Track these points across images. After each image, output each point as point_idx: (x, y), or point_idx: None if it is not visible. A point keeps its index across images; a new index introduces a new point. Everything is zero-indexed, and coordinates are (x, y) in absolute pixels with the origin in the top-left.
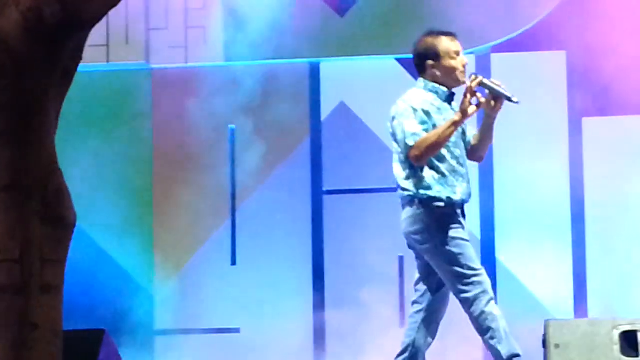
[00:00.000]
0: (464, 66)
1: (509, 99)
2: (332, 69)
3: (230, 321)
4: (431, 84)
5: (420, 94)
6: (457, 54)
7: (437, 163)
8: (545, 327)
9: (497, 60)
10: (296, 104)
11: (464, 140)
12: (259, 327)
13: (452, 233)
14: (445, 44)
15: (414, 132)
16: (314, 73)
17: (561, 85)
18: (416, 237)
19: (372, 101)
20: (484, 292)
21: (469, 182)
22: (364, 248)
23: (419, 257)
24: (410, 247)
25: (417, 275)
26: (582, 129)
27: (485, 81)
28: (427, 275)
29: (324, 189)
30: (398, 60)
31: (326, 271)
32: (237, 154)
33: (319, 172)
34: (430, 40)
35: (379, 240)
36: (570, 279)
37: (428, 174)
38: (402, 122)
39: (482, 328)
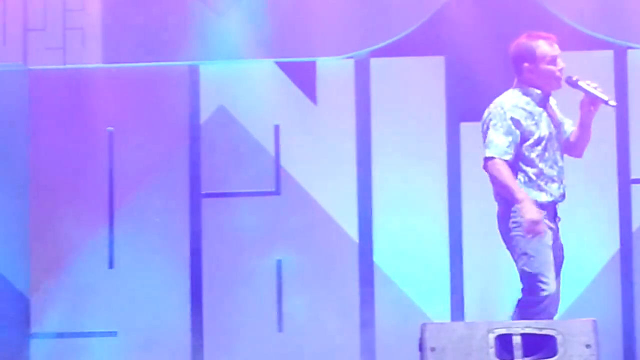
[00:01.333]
0: (560, 70)
1: (606, 103)
2: (211, 71)
3: (107, 324)
4: (526, 87)
5: (513, 98)
6: (555, 58)
7: (524, 167)
8: (422, 330)
9: (376, 64)
10: (175, 106)
11: (560, 137)
12: (136, 330)
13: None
14: (543, 48)
15: (496, 145)
16: (193, 76)
17: (439, 90)
18: (500, 232)
19: (251, 105)
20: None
21: (561, 182)
22: (242, 251)
23: None
24: None
25: None
26: (460, 134)
27: (581, 83)
28: None
29: (202, 192)
30: (277, 63)
31: (204, 274)
32: (115, 156)
33: (197, 175)
34: (528, 42)
35: (257, 244)
36: (447, 283)
37: (517, 175)
38: (489, 130)
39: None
